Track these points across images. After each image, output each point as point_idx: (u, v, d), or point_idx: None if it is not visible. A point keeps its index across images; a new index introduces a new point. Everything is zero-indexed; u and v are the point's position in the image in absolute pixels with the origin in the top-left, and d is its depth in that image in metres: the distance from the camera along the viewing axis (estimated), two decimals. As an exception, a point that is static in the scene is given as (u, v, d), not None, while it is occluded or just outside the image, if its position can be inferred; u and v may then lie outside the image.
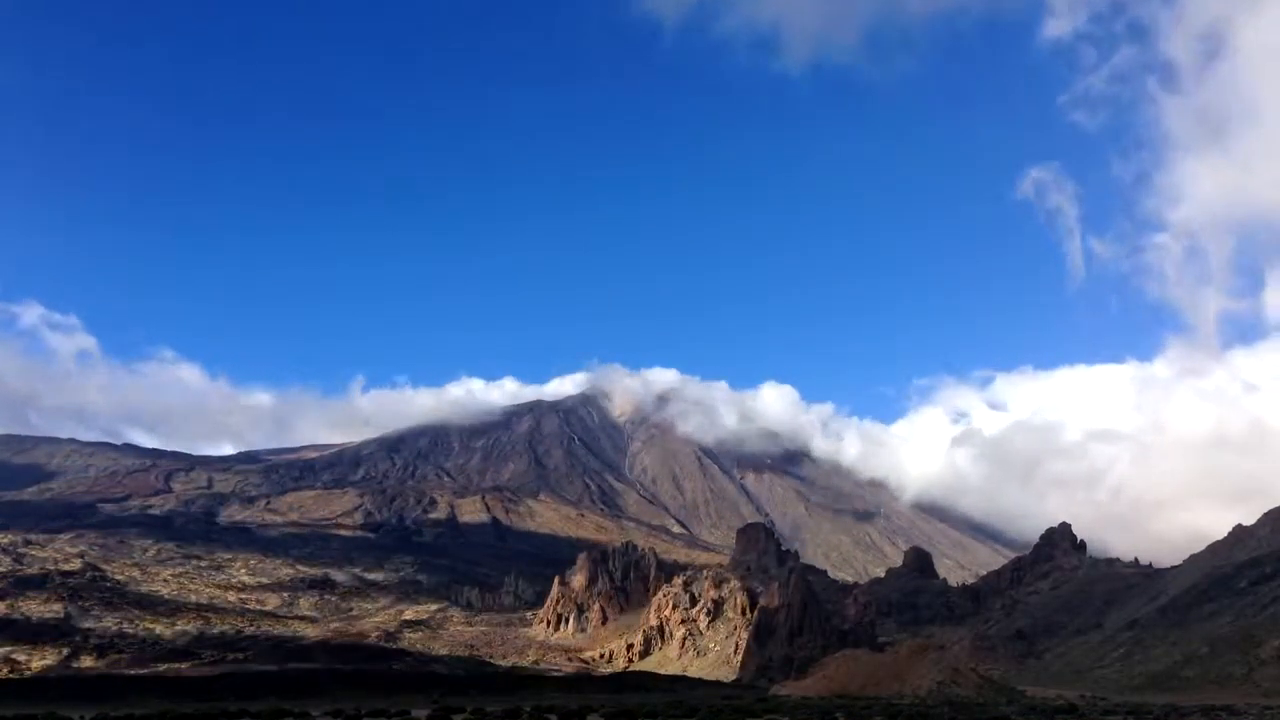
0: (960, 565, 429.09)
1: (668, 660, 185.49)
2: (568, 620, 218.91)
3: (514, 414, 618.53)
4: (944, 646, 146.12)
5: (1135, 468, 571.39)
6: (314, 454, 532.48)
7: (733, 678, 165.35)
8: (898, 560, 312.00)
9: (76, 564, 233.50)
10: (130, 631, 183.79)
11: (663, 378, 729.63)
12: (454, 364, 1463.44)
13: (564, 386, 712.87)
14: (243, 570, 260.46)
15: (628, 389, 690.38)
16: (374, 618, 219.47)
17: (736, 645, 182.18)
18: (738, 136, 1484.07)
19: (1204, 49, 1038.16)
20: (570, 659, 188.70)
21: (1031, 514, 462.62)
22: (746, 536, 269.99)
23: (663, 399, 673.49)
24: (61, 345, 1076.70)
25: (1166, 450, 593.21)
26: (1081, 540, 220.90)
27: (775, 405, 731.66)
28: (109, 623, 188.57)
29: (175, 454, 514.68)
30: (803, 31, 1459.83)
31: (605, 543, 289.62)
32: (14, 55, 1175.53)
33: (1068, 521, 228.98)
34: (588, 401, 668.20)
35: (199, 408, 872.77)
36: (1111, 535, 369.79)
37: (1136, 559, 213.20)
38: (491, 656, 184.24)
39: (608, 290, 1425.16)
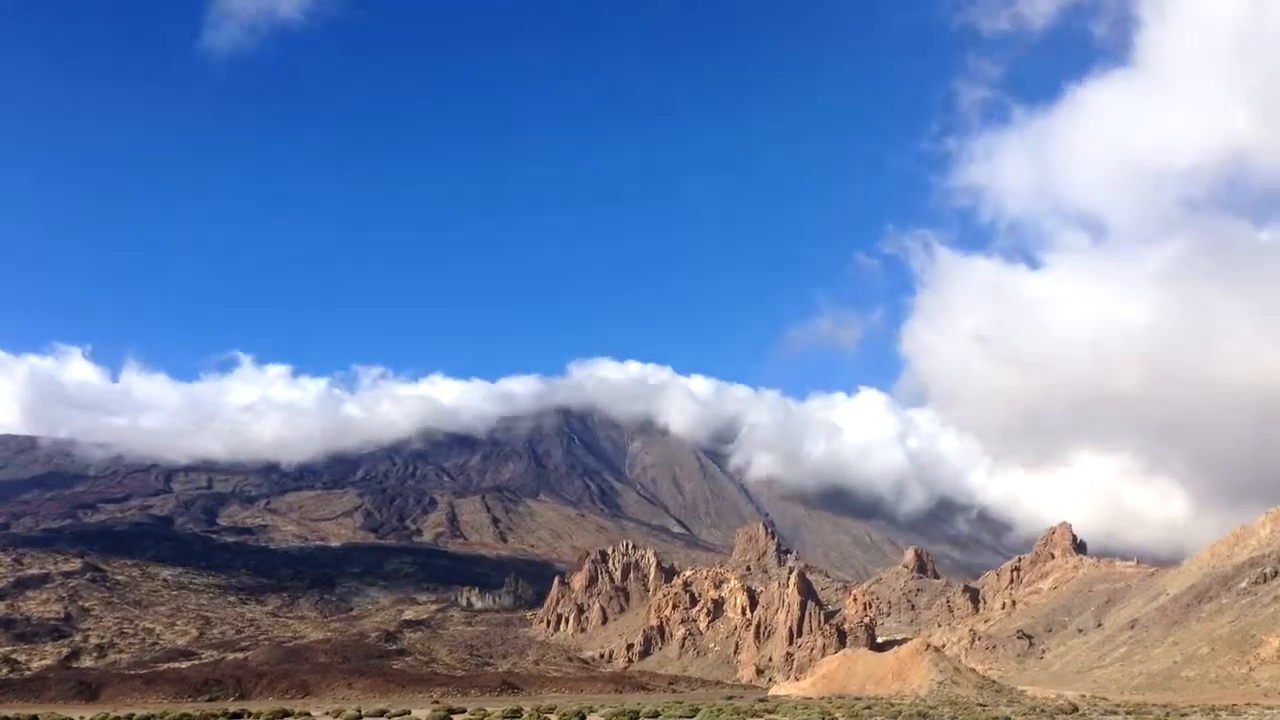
0: (960, 565, 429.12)
1: (668, 660, 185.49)
2: (568, 620, 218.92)
3: (513, 414, 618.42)
4: (944, 646, 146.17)
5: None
6: (313, 454, 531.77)
7: (733, 678, 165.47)
8: (898, 560, 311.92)
9: (76, 564, 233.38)
10: (130, 631, 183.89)
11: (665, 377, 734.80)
12: (455, 363, 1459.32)
13: (563, 385, 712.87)
14: (243, 570, 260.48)
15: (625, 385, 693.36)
16: (374, 618, 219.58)
17: (736, 645, 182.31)
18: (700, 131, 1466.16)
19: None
20: (570, 659, 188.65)
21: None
22: (746, 536, 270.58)
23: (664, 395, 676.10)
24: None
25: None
26: (1081, 540, 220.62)
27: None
28: (109, 623, 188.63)
29: (175, 454, 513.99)
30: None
31: (605, 543, 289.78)
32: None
33: (1068, 521, 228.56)
34: (588, 402, 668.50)
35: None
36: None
37: (1137, 559, 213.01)
38: (491, 656, 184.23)
39: (605, 287, 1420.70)
